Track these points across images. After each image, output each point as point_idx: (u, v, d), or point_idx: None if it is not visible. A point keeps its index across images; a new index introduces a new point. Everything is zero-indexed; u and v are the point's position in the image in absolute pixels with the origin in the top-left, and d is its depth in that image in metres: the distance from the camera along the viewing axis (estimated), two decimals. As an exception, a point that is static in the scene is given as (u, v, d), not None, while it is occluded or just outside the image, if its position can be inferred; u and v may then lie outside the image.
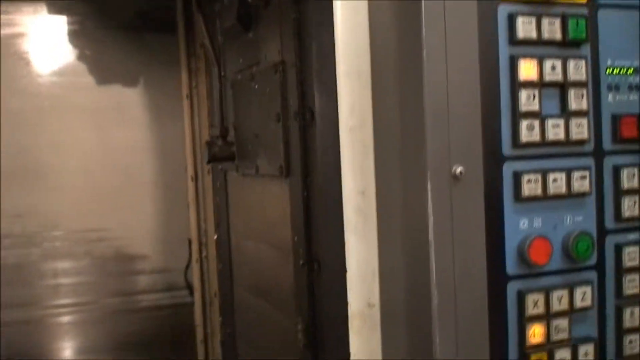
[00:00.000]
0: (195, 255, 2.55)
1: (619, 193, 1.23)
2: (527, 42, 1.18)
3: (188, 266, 2.55)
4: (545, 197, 1.18)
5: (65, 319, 2.49)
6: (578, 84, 1.20)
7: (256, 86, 1.89)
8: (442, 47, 1.15)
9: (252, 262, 2.11)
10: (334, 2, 1.26)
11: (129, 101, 2.50)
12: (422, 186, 1.14)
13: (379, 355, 1.29)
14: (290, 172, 1.74)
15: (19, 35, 2.41)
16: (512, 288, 1.18)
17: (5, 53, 2.39)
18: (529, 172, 1.17)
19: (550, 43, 1.19)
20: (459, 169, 1.13)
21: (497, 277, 1.17)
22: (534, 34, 1.18)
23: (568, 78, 1.19)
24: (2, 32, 2.38)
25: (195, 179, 2.53)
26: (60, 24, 2.43)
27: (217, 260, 2.36)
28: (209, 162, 2.09)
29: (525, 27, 1.17)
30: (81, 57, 2.44)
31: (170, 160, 2.54)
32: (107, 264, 2.50)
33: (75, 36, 2.44)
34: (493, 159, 1.16)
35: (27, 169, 2.40)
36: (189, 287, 2.56)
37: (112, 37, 2.46)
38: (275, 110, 1.76)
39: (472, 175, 1.14)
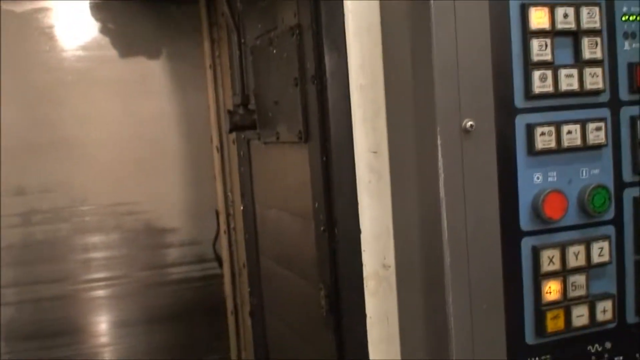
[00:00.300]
0: (223, 227, 2.58)
1: (637, 145, 1.21)
2: (538, -10, 1.16)
3: (216, 238, 2.59)
4: (559, 150, 1.17)
5: (98, 293, 2.55)
6: (592, 32, 1.18)
7: (274, 51, 1.90)
8: (450, -3, 1.14)
9: (275, 231, 2.13)
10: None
11: (153, 73, 2.53)
12: (432, 141, 1.14)
13: (395, 316, 1.30)
14: (310, 137, 1.75)
15: (42, 9, 2.45)
16: (526, 244, 1.17)
17: (29, 28, 2.43)
18: (542, 124, 1.16)
19: (563, -10, 1.17)
20: (469, 123, 1.13)
21: (510, 233, 1.16)
22: (545, -19, 1.16)
23: (581, 26, 1.17)
24: (26, 7, 2.42)
25: (221, 149, 2.56)
26: (87, -6, 2.47)
27: (244, 231, 2.39)
28: (230, 131, 2.11)
29: (535, -25, 1.16)
30: (104, 30, 2.47)
31: (195, 131, 2.57)
32: (137, 237, 2.55)
33: (98, 9, 2.47)
34: (505, 112, 1.15)
35: (53, 143, 2.45)
36: (218, 259, 2.59)
37: (135, 9, 2.49)
38: (293, 75, 1.77)
39: (483, 128, 1.14)
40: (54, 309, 2.50)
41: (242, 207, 2.43)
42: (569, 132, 1.17)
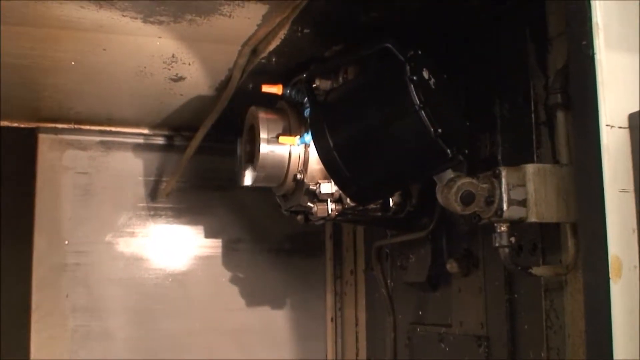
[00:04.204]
0: None
1: None
2: None
3: None
4: None
5: None
6: None
7: (447, 349, 2.06)
8: None
9: None
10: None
11: (275, 322, 2.71)
12: None
13: None
14: None
15: (175, 262, 2.62)
16: None
17: (161, 274, 2.60)
18: None
19: None
20: None
21: None
22: None
23: None
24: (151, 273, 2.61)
25: (338, 407, 2.68)
26: (216, 244, 2.63)
27: None
28: None
29: None
30: (234, 279, 2.65)
31: (312, 382, 2.70)
32: None
33: (228, 258, 2.64)
34: None
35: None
36: None
37: (263, 259, 2.70)
38: (481, 383, 1.92)
39: None
40: None
41: None
42: None
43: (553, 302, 1.71)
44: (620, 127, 1.38)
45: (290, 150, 1.97)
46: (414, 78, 1.45)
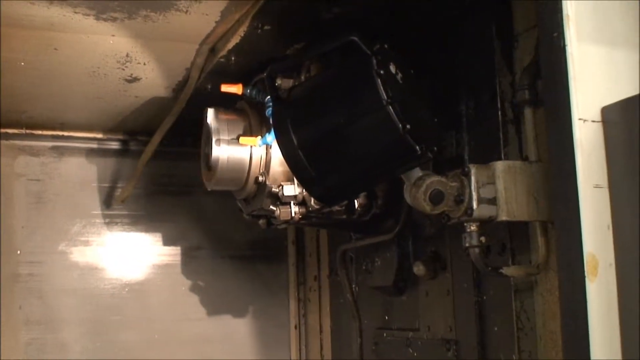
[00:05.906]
0: None
1: None
2: None
3: None
4: None
5: None
6: None
7: (415, 354, 2.00)
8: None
9: None
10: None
11: (237, 331, 2.63)
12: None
13: None
14: None
15: (132, 271, 2.52)
16: None
17: (118, 284, 2.51)
18: None
19: None
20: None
21: None
22: None
23: None
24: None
25: (301, 413, 2.60)
26: (175, 252, 2.54)
27: None
28: None
29: None
30: (193, 288, 2.56)
31: (276, 391, 2.62)
32: None
33: (188, 266, 2.55)
34: None
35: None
36: None
37: (224, 266, 2.62)
38: (447, 392, 1.86)
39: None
40: None
41: None
42: None
43: (523, 303, 1.65)
44: (593, 121, 1.32)
45: (251, 151, 1.89)
46: (381, 72, 1.39)
